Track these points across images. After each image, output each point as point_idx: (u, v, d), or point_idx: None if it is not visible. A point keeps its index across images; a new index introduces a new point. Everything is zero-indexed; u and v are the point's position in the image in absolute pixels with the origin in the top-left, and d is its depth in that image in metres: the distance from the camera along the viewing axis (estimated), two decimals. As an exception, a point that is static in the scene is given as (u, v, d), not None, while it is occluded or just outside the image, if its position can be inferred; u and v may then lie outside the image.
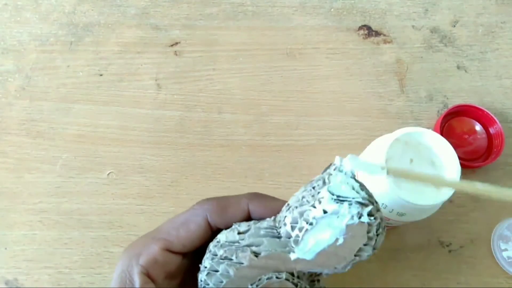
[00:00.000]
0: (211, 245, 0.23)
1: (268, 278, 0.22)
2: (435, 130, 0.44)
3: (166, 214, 0.41)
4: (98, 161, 0.43)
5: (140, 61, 0.47)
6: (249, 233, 0.23)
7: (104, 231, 0.40)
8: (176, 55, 0.48)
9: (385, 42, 0.49)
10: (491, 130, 0.44)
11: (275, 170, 0.43)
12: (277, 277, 0.22)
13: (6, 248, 0.40)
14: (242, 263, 0.22)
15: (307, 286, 0.23)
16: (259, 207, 0.24)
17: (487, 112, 0.43)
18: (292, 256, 0.22)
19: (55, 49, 0.48)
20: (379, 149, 0.31)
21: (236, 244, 0.22)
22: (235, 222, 0.24)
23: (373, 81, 0.47)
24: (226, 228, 0.24)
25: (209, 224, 0.24)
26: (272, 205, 0.24)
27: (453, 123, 0.44)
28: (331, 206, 0.20)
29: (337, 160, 0.21)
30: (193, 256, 0.25)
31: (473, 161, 0.43)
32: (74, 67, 0.47)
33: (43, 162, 0.43)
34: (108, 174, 0.42)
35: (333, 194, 0.20)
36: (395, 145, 0.31)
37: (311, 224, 0.21)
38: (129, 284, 0.22)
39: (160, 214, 0.41)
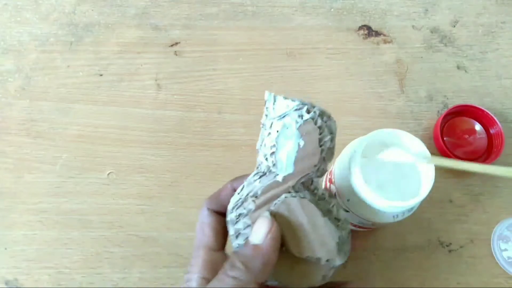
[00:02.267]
0: (226, 218, 0.26)
1: (273, 205, 0.25)
2: (435, 130, 0.44)
3: (166, 214, 0.41)
4: (98, 161, 0.43)
5: (140, 61, 0.47)
6: (244, 187, 0.26)
7: (104, 231, 0.40)
8: (176, 55, 0.48)
9: (385, 42, 0.49)
10: (491, 130, 0.44)
11: (275, 170, 0.43)
12: (278, 201, 0.25)
13: (6, 248, 0.40)
14: (251, 209, 0.25)
15: (306, 194, 0.26)
16: (241, 183, 0.28)
17: (487, 112, 0.43)
18: (279, 178, 0.25)
19: (55, 49, 0.48)
20: (354, 150, 0.32)
21: (240, 200, 0.26)
22: (228, 202, 0.27)
23: (373, 81, 0.47)
24: (224, 210, 0.27)
25: (213, 211, 0.27)
26: None
27: (453, 123, 0.44)
28: (279, 124, 0.25)
29: (266, 95, 0.26)
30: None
31: (473, 161, 0.43)
32: (74, 67, 0.47)
33: (43, 162, 0.43)
34: (108, 174, 0.42)
35: (275, 118, 0.25)
36: (372, 146, 0.32)
37: (274, 145, 0.25)
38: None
39: (160, 214, 0.41)
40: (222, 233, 0.27)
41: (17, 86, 0.46)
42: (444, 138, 0.43)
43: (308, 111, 0.25)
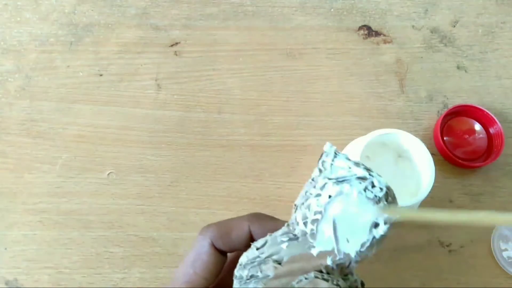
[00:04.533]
0: (235, 271, 0.23)
1: (298, 282, 0.21)
2: (435, 130, 0.44)
3: (166, 214, 0.41)
4: (98, 161, 0.43)
5: (140, 61, 0.47)
6: (267, 245, 0.22)
7: (104, 231, 0.40)
8: (176, 55, 0.48)
9: (385, 42, 0.49)
10: (491, 130, 0.44)
11: (275, 170, 0.43)
12: (305, 278, 0.21)
13: (6, 248, 0.40)
14: (269, 276, 0.22)
15: (339, 280, 0.21)
16: (260, 229, 0.24)
17: (487, 112, 0.43)
18: (314, 252, 0.22)
19: (55, 49, 0.48)
20: (354, 150, 0.32)
21: (258, 259, 0.22)
22: (238, 244, 0.24)
23: (373, 81, 0.47)
24: (231, 251, 0.24)
25: (216, 249, 0.24)
26: (272, 226, 0.24)
27: (453, 123, 0.44)
28: (334, 189, 0.20)
29: (327, 147, 0.22)
30: None
31: (473, 161, 0.43)
32: (74, 67, 0.47)
33: (43, 162, 0.43)
34: (108, 174, 0.42)
35: (331, 179, 0.21)
36: (372, 146, 0.32)
37: (320, 213, 0.21)
38: None
39: (160, 214, 0.41)
40: (215, 274, 0.24)
41: (17, 86, 0.46)
42: (444, 138, 0.43)
43: (373, 185, 0.20)
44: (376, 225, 0.21)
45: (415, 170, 0.33)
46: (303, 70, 0.47)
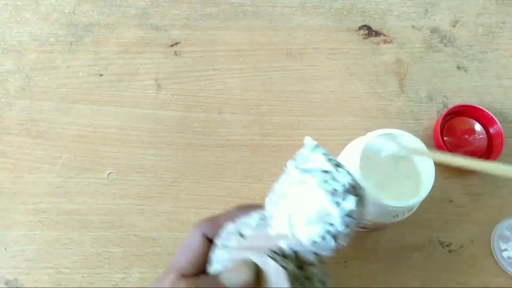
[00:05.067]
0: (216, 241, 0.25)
1: (254, 255, 0.23)
2: (435, 130, 0.44)
3: (166, 214, 0.41)
4: (98, 161, 0.43)
5: (140, 61, 0.47)
6: (242, 221, 0.24)
7: (104, 231, 0.40)
8: (176, 55, 0.48)
9: (385, 42, 0.49)
10: (491, 130, 0.44)
11: (275, 170, 0.43)
12: (258, 254, 0.22)
13: (6, 248, 0.40)
14: (233, 246, 0.23)
15: (290, 265, 0.22)
16: (247, 214, 0.26)
17: (487, 112, 0.43)
18: (271, 232, 0.22)
19: (55, 49, 0.48)
20: (354, 150, 0.32)
21: (231, 230, 0.24)
22: None
23: (373, 81, 0.47)
24: None
25: (206, 237, 0.25)
26: None
27: (453, 123, 0.44)
28: (297, 175, 0.22)
29: (308, 141, 0.23)
30: None
31: (473, 161, 0.43)
32: (74, 67, 0.47)
33: (43, 162, 0.43)
34: (108, 174, 0.42)
35: (298, 168, 0.22)
36: (371, 146, 0.32)
37: (280, 196, 0.22)
38: None
39: (160, 214, 0.41)
40: (203, 260, 0.25)
41: (17, 86, 0.46)
42: (444, 138, 0.43)
43: (334, 179, 0.21)
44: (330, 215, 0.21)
45: (415, 170, 0.33)
46: (303, 70, 0.47)
